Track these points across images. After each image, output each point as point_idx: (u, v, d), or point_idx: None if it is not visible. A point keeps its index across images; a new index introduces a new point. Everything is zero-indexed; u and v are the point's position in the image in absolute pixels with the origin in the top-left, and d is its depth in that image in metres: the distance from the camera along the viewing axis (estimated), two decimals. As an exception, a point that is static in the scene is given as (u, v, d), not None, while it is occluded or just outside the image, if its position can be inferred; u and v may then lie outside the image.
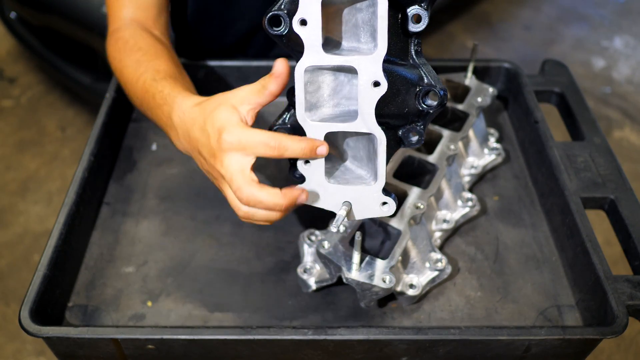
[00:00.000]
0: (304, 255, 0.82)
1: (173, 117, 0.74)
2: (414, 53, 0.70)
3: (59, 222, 0.82)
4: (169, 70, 0.84)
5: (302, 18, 0.63)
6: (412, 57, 0.70)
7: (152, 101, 0.79)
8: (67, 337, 0.71)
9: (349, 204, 0.71)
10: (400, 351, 0.73)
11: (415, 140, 0.71)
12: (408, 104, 0.69)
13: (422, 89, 0.68)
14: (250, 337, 0.70)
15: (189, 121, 0.72)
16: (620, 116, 2.89)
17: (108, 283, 0.83)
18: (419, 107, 0.68)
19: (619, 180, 0.90)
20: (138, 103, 0.86)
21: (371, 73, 0.64)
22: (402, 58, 0.69)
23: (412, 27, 0.67)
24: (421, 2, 0.68)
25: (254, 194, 0.66)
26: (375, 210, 0.71)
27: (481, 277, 0.84)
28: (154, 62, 0.85)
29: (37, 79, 2.95)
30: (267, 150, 0.66)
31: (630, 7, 3.74)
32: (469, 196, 0.90)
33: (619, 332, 0.71)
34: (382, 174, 0.69)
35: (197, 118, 0.70)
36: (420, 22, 0.67)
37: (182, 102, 0.74)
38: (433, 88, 0.67)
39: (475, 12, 3.62)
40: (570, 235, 0.84)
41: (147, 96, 0.81)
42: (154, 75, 0.82)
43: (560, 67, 1.12)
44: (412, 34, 0.68)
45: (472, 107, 0.98)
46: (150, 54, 0.87)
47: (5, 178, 2.47)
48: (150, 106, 0.81)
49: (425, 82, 0.68)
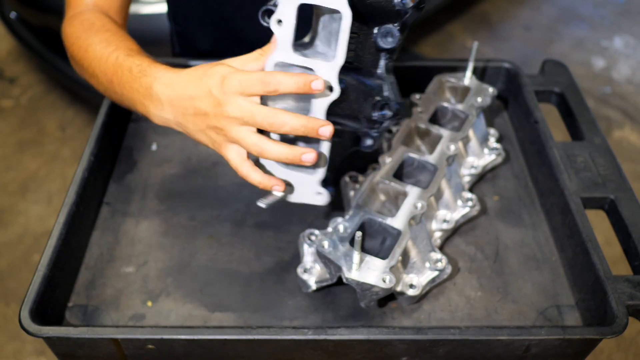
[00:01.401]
0: (304, 255, 0.82)
1: (155, 87, 0.75)
2: (384, 67, 0.75)
3: (59, 222, 0.82)
4: (140, 50, 0.84)
5: (278, 18, 0.69)
6: (381, 70, 0.75)
7: (127, 75, 0.78)
8: (67, 337, 0.71)
9: (288, 188, 0.78)
10: (400, 351, 0.73)
11: (369, 145, 0.77)
12: (366, 111, 0.75)
13: (380, 101, 0.74)
14: (250, 337, 0.70)
15: (179, 86, 0.73)
16: (620, 116, 2.89)
17: (108, 283, 0.83)
18: (374, 116, 0.74)
19: (619, 180, 0.90)
20: (105, 80, 0.83)
21: (326, 78, 0.70)
22: (371, 69, 0.75)
23: (382, 43, 0.73)
24: (393, 21, 0.72)
25: (272, 109, 0.69)
26: (310, 198, 0.79)
27: (481, 277, 0.85)
28: (125, 42, 0.85)
29: (37, 79, 2.95)
30: (264, 87, 0.68)
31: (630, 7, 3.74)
32: (469, 196, 0.90)
33: (619, 332, 0.71)
34: (323, 163, 0.76)
35: (190, 79, 0.72)
36: (390, 39, 0.73)
37: (166, 72, 0.75)
38: (389, 101, 0.73)
39: (475, 12, 3.62)
40: (570, 235, 0.84)
41: (120, 70, 0.80)
42: (128, 52, 0.82)
43: (560, 67, 1.12)
44: (381, 49, 0.74)
45: (472, 107, 0.98)
46: (119, 35, 0.87)
47: (5, 178, 2.47)
48: (123, 81, 0.79)
49: (384, 95, 0.74)
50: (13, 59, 3.07)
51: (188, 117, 0.73)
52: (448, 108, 0.99)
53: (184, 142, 1.04)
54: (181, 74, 0.74)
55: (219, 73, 0.70)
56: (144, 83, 0.76)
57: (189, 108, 0.73)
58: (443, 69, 1.08)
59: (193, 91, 0.72)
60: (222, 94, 0.69)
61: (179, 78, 0.74)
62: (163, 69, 0.76)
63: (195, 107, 0.72)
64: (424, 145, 0.96)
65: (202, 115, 0.72)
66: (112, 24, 0.90)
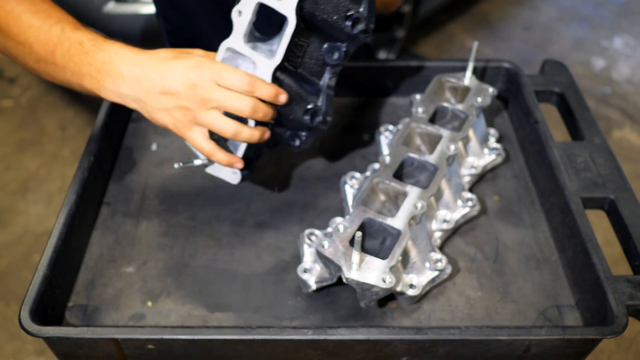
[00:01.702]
0: (304, 255, 0.82)
1: (116, 63, 0.76)
2: (326, 81, 0.82)
3: (59, 222, 0.82)
4: (85, 26, 0.84)
5: (239, 10, 0.76)
6: (322, 82, 0.82)
7: (77, 47, 0.78)
8: (67, 337, 0.71)
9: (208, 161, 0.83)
10: (400, 351, 0.73)
11: (297, 144, 0.84)
12: (298, 113, 0.81)
13: (312, 109, 0.81)
14: (250, 337, 0.70)
15: (149, 63, 0.75)
16: (620, 116, 2.89)
17: (108, 283, 0.83)
18: (304, 120, 0.81)
19: (619, 180, 0.90)
20: (44, 50, 0.80)
21: (263, 73, 0.77)
22: (314, 79, 0.82)
23: (328, 57, 0.80)
24: (342, 40, 0.79)
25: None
26: (224, 174, 0.85)
27: (481, 277, 0.84)
28: (67, 16, 0.84)
29: (37, 79, 2.95)
30: (242, 84, 0.74)
31: (630, 7, 3.74)
32: (469, 196, 0.90)
33: (619, 332, 0.71)
34: (242, 149, 0.81)
35: (161, 60, 0.75)
36: (336, 56, 0.80)
37: (127, 50, 0.77)
38: (320, 111, 0.81)
39: (475, 12, 3.62)
40: (570, 235, 0.84)
41: (67, 42, 0.79)
42: (75, 25, 0.81)
43: (560, 67, 1.12)
44: (327, 63, 0.81)
45: (472, 107, 0.98)
46: (56, 8, 0.85)
47: (5, 178, 2.47)
48: (71, 52, 0.78)
49: (318, 104, 0.81)
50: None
51: (152, 94, 0.75)
52: (448, 108, 0.99)
53: (184, 142, 1.04)
54: (149, 53, 0.76)
55: (194, 57, 0.75)
56: (100, 57, 0.77)
57: (156, 86, 0.74)
58: (443, 69, 1.08)
59: (164, 70, 0.74)
60: (198, 76, 0.73)
61: (148, 57, 0.76)
62: (121, 46, 0.77)
63: (165, 85, 0.73)
64: (424, 145, 0.96)
65: (171, 95, 0.74)
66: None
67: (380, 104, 1.13)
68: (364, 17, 0.76)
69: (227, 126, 0.74)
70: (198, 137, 0.76)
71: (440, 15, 3.41)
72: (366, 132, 1.07)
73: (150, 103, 0.75)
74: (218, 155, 0.77)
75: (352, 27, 0.76)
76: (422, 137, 0.96)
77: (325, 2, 0.76)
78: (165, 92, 0.74)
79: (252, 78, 0.75)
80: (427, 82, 1.04)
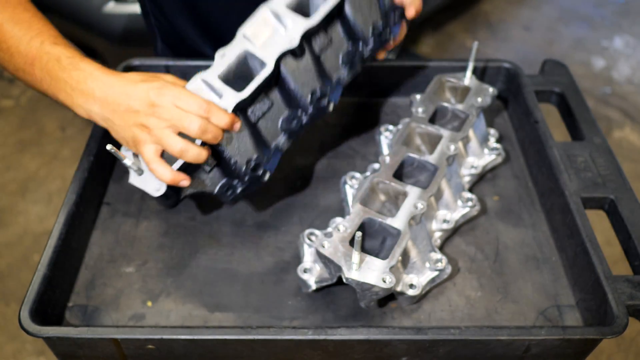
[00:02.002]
0: (304, 255, 0.82)
1: (90, 83, 0.79)
2: (280, 143, 0.85)
3: (59, 222, 0.82)
4: (64, 39, 0.86)
5: (223, 53, 0.81)
6: (275, 143, 0.84)
7: (54, 63, 0.81)
8: (67, 337, 0.71)
9: (138, 168, 0.79)
10: (400, 351, 0.73)
11: (228, 194, 0.82)
12: (241, 161, 0.81)
13: (257, 162, 0.81)
14: (250, 337, 0.70)
15: (118, 85, 0.78)
16: (620, 116, 2.89)
17: (108, 283, 0.83)
18: (243, 169, 0.81)
19: (619, 180, 0.90)
20: (23, 61, 0.83)
21: (226, 104, 0.78)
22: (269, 138, 0.83)
23: (285, 123, 0.83)
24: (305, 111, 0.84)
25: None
26: (149, 188, 0.79)
27: (481, 277, 0.84)
28: (48, 28, 0.86)
29: (37, 79, 2.94)
30: (199, 108, 0.76)
31: (630, 7, 3.74)
32: (469, 196, 0.90)
33: (619, 332, 0.71)
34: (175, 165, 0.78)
35: (128, 82, 0.78)
36: (294, 124, 0.82)
37: (101, 72, 0.80)
38: (263, 168, 0.82)
39: (475, 12, 3.62)
40: (571, 235, 0.84)
41: (46, 57, 0.82)
42: (54, 40, 0.84)
43: (560, 67, 1.12)
44: (283, 128, 0.84)
45: (472, 107, 0.98)
46: (39, 18, 0.88)
47: (5, 178, 2.47)
48: (48, 67, 0.81)
49: (262, 160, 0.82)
50: (13, 59, 3.07)
51: (118, 113, 0.78)
52: (448, 108, 0.99)
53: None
54: (120, 76, 0.80)
55: (161, 80, 0.79)
56: (75, 76, 0.80)
57: (122, 105, 0.78)
58: (443, 69, 1.08)
59: (131, 91, 0.78)
60: (158, 97, 0.77)
61: (118, 79, 0.79)
62: (96, 67, 0.81)
63: (129, 105, 0.77)
64: (424, 145, 0.96)
65: (132, 113, 0.77)
66: (29, 4, 0.89)
67: (380, 104, 1.13)
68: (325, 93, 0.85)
69: (175, 142, 0.77)
70: (149, 152, 0.78)
71: (440, 15, 3.41)
72: (366, 132, 1.07)
73: (116, 122, 0.79)
74: (161, 171, 0.77)
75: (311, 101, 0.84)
76: (422, 137, 0.96)
77: (305, 73, 0.83)
78: (128, 110, 0.78)
79: (209, 104, 0.78)
80: (427, 82, 1.04)
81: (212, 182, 0.80)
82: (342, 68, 0.87)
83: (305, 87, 0.83)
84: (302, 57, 0.81)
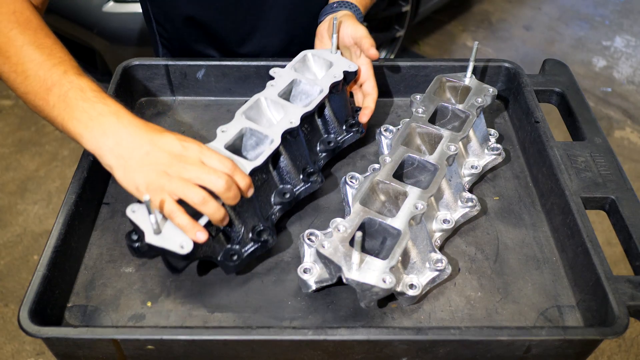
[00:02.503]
0: (304, 255, 0.82)
1: (113, 119, 0.78)
2: (274, 214, 0.88)
3: (59, 222, 0.81)
4: (85, 73, 0.85)
5: (223, 129, 0.86)
6: (269, 214, 0.87)
7: (77, 92, 0.80)
8: (66, 337, 0.71)
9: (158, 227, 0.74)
10: (400, 351, 0.73)
11: (229, 264, 0.80)
12: (245, 228, 0.82)
13: (260, 227, 0.83)
14: (250, 337, 0.70)
15: (146, 128, 0.77)
16: (621, 116, 2.89)
17: (108, 283, 0.83)
18: (249, 236, 0.83)
19: (620, 180, 0.90)
20: (39, 86, 0.81)
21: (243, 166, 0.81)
22: (268, 209, 0.87)
23: (278, 196, 0.88)
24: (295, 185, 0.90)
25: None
26: (171, 245, 0.74)
27: (481, 278, 0.84)
28: (69, 58, 0.85)
29: (37, 78, 2.94)
30: (224, 168, 0.77)
31: (631, 6, 3.74)
32: (469, 196, 0.90)
33: (620, 332, 0.71)
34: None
35: (157, 130, 0.78)
36: (286, 197, 0.87)
37: (130, 114, 0.79)
38: (265, 234, 0.82)
39: (475, 12, 3.62)
40: (571, 235, 0.83)
41: (68, 86, 0.80)
42: (78, 71, 0.83)
43: (561, 66, 1.11)
44: (277, 202, 0.88)
45: (472, 107, 0.98)
46: (60, 46, 0.86)
47: (5, 178, 2.47)
48: (69, 96, 0.80)
49: (261, 227, 0.83)
50: (13, 58, 3.07)
51: (137, 152, 0.76)
52: (448, 108, 0.99)
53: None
54: (146, 123, 0.79)
55: (188, 138, 0.78)
56: (98, 108, 0.78)
57: (145, 146, 0.76)
58: (443, 69, 1.08)
59: (157, 137, 0.77)
60: (184, 149, 0.76)
61: (144, 124, 0.78)
62: (123, 107, 0.80)
63: (153, 148, 0.76)
64: (424, 145, 0.96)
65: (154, 157, 0.75)
66: (49, 30, 0.88)
67: (380, 104, 1.13)
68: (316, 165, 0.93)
69: (197, 192, 0.74)
70: (171, 203, 0.74)
71: (440, 15, 3.41)
72: (366, 132, 1.07)
73: (132, 162, 0.76)
74: (179, 218, 0.74)
75: (307, 177, 0.90)
76: (422, 137, 0.96)
77: (298, 151, 0.90)
78: (149, 153, 0.76)
79: (233, 164, 0.78)
80: (427, 82, 1.04)
81: (216, 249, 0.80)
82: (318, 154, 0.97)
83: (299, 163, 0.91)
84: (297, 137, 0.89)
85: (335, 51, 1.01)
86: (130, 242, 0.75)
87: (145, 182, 0.75)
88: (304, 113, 0.90)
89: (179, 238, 0.73)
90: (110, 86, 1.04)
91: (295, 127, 0.88)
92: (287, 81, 0.95)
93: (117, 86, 1.04)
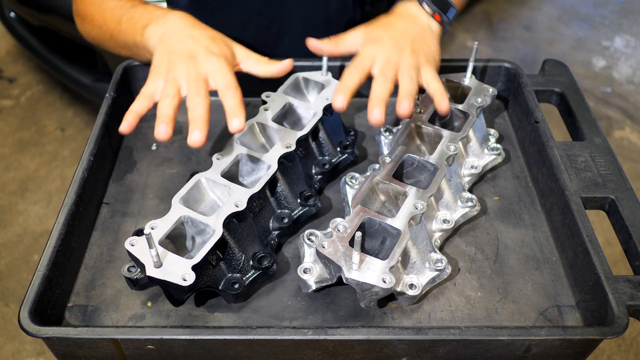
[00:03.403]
0: (304, 255, 0.82)
1: (170, 14, 0.94)
2: (273, 239, 0.87)
3: (59, 222, 0.82)
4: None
5: (218, 157, 0.88)
6: (268, 239, 0.86)
7: (140, 9, 0.98)
8: (66, 337, 0.71)
9: (159, 260, 0.73)
10: (400, 351, 0.73)
11: (230, 291, 0.79)
12: (246, 254, 0.82)
13: (261, 254, 0.82)
14: (250, 337, 0.70)
15: (194, 23, 0.93)
16: (620, 116, 2.89)
17: (108, 283, 0.83)
18: (251, 263, 0.82)
19: (620, 180, 0.90)
20: (118, 14, 0.99)
21: (239, 198, 0.81)
22: (267, 234, 0.87)
23: (276, 221, 0.87)
24: (293, 210, 0.90)
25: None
26: (173, 277, 0.72)
27: (481, 277, 0.84)
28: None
29: (36, 79, 2.95)
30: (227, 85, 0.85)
31: (631, 6, 3.74)
32: (469, 196, 0.90)
33: (620, 332, 0.71)
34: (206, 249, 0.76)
35: (200, 26, 0.94)
36: (285, 221, 0.87)
37: (183, 15, 0.95)
38: (267, 258, 0.81)
39: (475, 12, 3.62)
40: (571, 235, 0.84)
41: (133, 10, 0.98)
42: (143, 2, 1.02)
43: (561, 66, 1.12)
44: (275, 227, 0.88)
45: (472, 107, 0.98)
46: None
47: (5, 178, 2.47)
48: (132, 14, 0.97)
49: (263, 253, 0.82)
50: (12, 58, 3.07)
51: (181, 32, 0.91)
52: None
53: (184, 142, 1.04)
54: (199, 26, 0.94)
55: (225, 40, 0.93)
56: (156, 12, 0.96)
57: (186, 29, 0.91)
58: (443, 69, 1.08)
59: (197, 30, 0.92)
60: (215, 43, 0.91)
61: (198, 22, 0.95)
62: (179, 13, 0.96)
63: (192, 32, 0.91)
64: (424, 145, 0.96)
65: (194, 36, 0.90)
66: None
67: (380, 104, 1.13)
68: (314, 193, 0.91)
69: (171, 86, 0.83)
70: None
71: (440, 15, 3.40)
72: (366, 132, 1.07)
73: (172, 38, 0.90)
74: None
75: (305, 200, 0.90)
76: (422, 137, 0.96)
77: (295, 175, 0.90)
78: (191, 35, 0.90)
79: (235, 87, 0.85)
80: (427, 82, 1.04)
81: (217, 278, 0.79)
82: (314, 176, 0.97)
83: (296, 187, 0.90)
84: (294, 161, 0.90)
85: (326, 73, 1.01)
86: (129, 276, 0.77)
87: (188, 51, 0.88)
88: (299, 136, 0.90)
89: (181, 270, 0.73)
90: (110, 86, 1.04)
91: (292, 151, 0.88)
92: (280, 105, 0.96)
93: (117, 86, 1.04)
